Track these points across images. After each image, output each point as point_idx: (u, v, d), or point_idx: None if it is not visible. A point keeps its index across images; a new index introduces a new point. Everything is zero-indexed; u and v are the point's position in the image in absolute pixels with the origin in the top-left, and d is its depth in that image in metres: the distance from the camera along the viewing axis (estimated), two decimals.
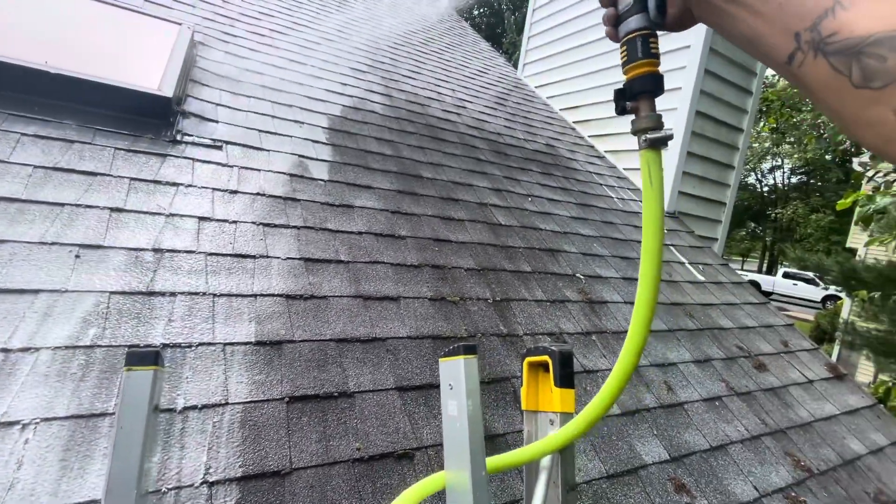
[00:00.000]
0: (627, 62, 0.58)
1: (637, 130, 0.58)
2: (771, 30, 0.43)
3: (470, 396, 0.70)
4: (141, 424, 0.49)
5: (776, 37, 0.42)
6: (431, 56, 4.81)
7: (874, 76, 0.35)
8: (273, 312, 1.41)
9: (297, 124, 2.44)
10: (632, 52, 0.57)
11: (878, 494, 1.93)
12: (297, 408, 1.21)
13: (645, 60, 0.56)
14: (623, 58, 0.58)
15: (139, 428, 0.49)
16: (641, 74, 0.57)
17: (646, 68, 0.57)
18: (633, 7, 0.56)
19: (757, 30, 0.44)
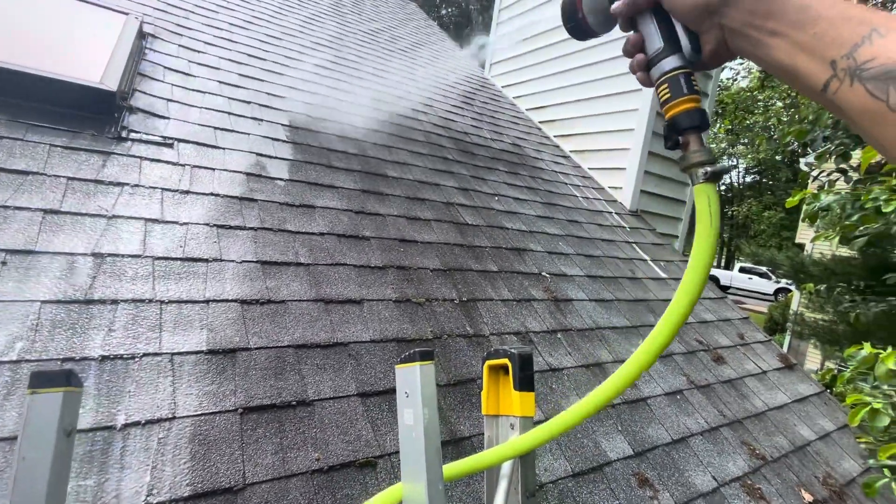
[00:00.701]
0: (670, 99, 0.57)
1: (691, 165, 0.57)
2: (807, 58, 0.43)
3: (426, 405, 0.67)
4: (47, 454, 0.44)
5: (813, 65, 0.43)
6: (399, 55, 4.75)
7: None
8: (227, 319, 1.34)
9: (255, 122, 2.35)
10: (675, 89, 0.57)
11: (827, 478, 2.03)
12: (251, 419, 1.15)
13: (690, 97, 0.56)
14: (665, 96, 0.58)
15: (45, 458, 0.44)
16: (687, 110, 0.57)
17: (691, 104, 0.57)
18: (665, 49, 0.57)
19: (794, 59, 0.44)
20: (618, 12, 0.60)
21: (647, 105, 3.54)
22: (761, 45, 0.48)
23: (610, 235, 3.16)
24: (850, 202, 3.04)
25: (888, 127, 0.37)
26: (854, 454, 2.30)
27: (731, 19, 0.50)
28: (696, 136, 0.57)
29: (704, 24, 0.53)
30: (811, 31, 0.43)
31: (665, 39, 0.57)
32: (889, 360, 2.10)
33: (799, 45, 0.44)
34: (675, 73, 0.57)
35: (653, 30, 0.58)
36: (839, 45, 0.40)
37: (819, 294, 6.19)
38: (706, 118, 0.57)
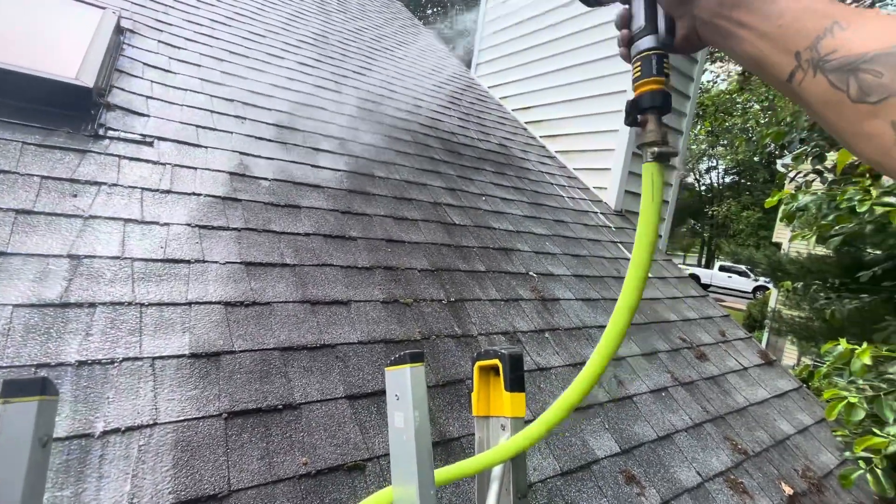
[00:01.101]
0: (640, 77, 0.60)
1: (643, 143, 0.59)
2: (773, 49, 0.45)
3: (417, 407, 0.66)
4: (21, 466, 0.42)
5: (778, 56, 0.44)
6: (383, 53, 4.72)
7: (871, 91, 0.36)
8: (210, 322, 1.31)
9: (238, 120, 2.31)
10: (646, 68, 0.59)
11: (805, 471, 2.09)
12: (236, 424, 1.12)
13: (656, 77, 0.58)
14: (636, 73, 0.60)
15: (19, 470, 0.41)
16: (651, 90, 0.59)
17: (656, 85, 0.59)
18: (645, 28, 0.59)
19: (760, 50, 0.46)
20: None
21: None
22: (730, 35, 0.49)
23: (596, 235, 3.20)
24: (826, 202, 3.13)
25: (848, 117, 0.39)
26: (831, 447, 2.37)
27: (702, 9, 0.52)
28: (654, 116, 0.59)
29: (678, 11, 0.56)
30: (777, 23, 0.44)
31: (647, 19, 0.60)
32: (864, 356, 2.17)
33: (765, 37, 0.45)
34: (650, 52, 0.59)
35: (640, 8, 0.61)
36: (803, 36, 0.42)
37: (795, 292, 6.36)
38: (668, 101, 0.58)
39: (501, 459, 0.70)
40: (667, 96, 0.58)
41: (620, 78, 3.68)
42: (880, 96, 0.36)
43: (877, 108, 0.36)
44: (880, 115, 0.36)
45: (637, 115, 0.60)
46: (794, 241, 5.47)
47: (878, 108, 0.36)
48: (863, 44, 0.38)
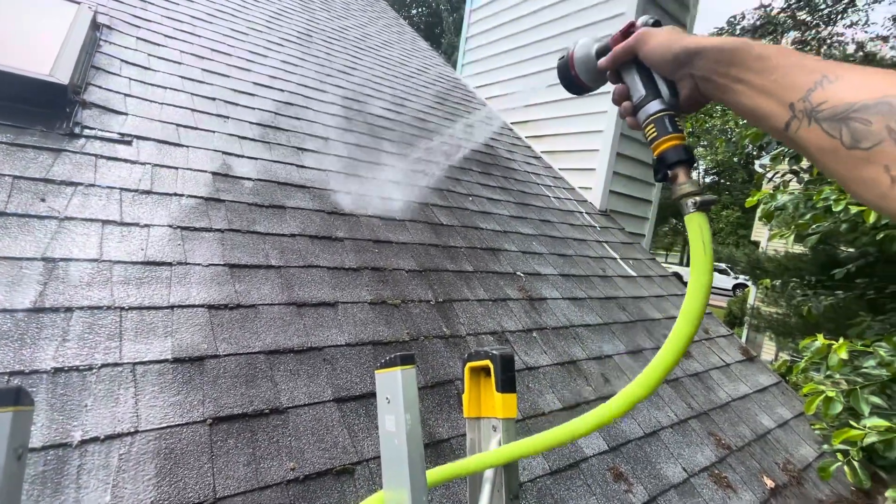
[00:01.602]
0: (657, 138, 0.62)
1: (683, 195, 0.60)
2: (769, 101, 0.48)
3: (408, 410, 0.65)
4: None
5: (774, 107, 0.47)
6: (368, 52, 4.69)
7: (862, 138, 0.39)
8: (193, 325, 1.28)
9: (221, 119, 2.26)
10: (661, 128, 0.62)
11: (786, 464, 2.14)
12: (221, 429, 1.10)
13: (675, 134, 0.61)
14: (651, 135, 0.63)
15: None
16: (674, 146, 0.61)
17: (677, 141, 0.61)
18: (648, 96, 0.63)
19: (758, 102, 0.49)
20: (603, 67, 0.68)
21: (616, 108, 3.63)
22: (728, 90, 0.53)
23: (581, 235, 3.23)
24: (803, 202, 3.22)
25: (844, 163, 0.41)
26: (810, 440, 2.43)
27: (699, 68, 0.56)
28: (683, 169, 0.61)
29: (677, 74, 0.59)
30: (770, 78, 0.48)
31: (646, 87, 0.64)
32: (841, 351, 2.23)
33: (761, 90, 0.49)
34: (660, 114, 0.62)
35: (636, 80, 0.65)
36: (796, 89, 0.45)
37: (774, 289, 6.53)
38: (691, 153, 0.61)
39: (495, 464, 0.70)
40: (689, 149, 0.61)
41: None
42: (872, 143, 0.38)
43: (869, 153, 0.38)
44: (873, 161, 0.38)
45: (666, 170, 0.62)
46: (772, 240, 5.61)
47: (870, 154, 0.38)
48: (850, 94, 0.40)
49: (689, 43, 0.56)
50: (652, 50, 0.61)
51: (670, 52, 0.58)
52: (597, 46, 0.71)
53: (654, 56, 0.61)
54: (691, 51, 0.56)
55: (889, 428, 1.87)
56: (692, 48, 0.56)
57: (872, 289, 4.19)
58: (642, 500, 1.55)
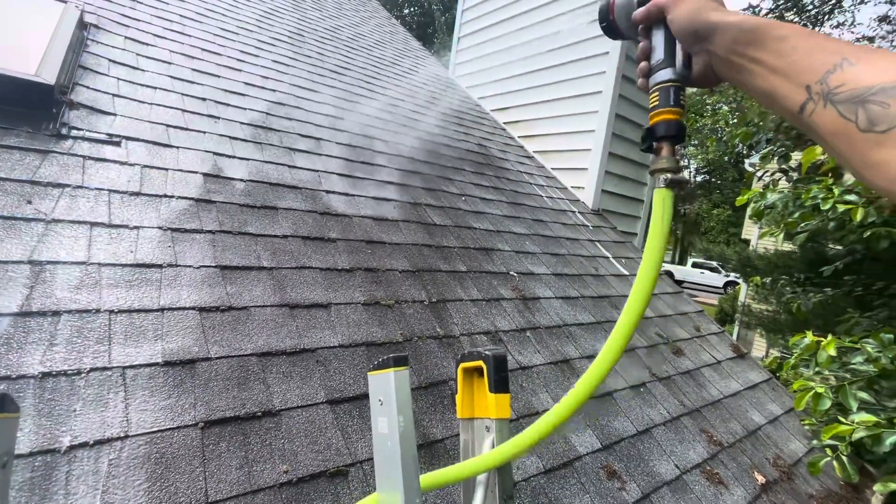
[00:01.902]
0: (657, 107, 0.62)
1: (657, 170, 0.61)
2: (785, 83, 0.46)
3: (401, 412, 0.65)
4: None
5: (790, 89, 0.46)
6: (361, 52, 4.67)
7: (879, 120, 0.38)
8: (184, 328, 1.27)
9: (212, 119, 2.24)
10: (663, 99, 0.62)
11: (776, 459, 2.16)
12: (213, 433, 1.09)
13: (674, 108, 0.61)
14: (654, 103, 0.63)
15: None
16: (667, 120, 0.61)
17: (672, 115, 0.61)
18: (664, 62, 0.63)
19: (773, 84, 0.48)
20: (636, 19, 0.66)
21: (608, 107, 3.65)
22: (744, 70, 0.52)
23: (574, 234, 3.24)
24: (792, 200, 3.25)
25: (857, 146, 0.40)
26: (800, 436, 2.46)
27: (718, 46, 0.55)
28: (669, 144, 0.61)
29: (695, 47, 0.59)
30: (788, 59, 0.46)
31: (666, 53, 0.63)
32: (830, 347, 2.26)
33: (777, 71, 0.47)
34: (667, 84, 0.62)
35: (660, 42, 0.64)
36: (813, 71, 0.44)
37: (764, 286, 6.60)
38: (682, 130, 0.61)
39: (488, 467, 0.70)
40: (681, 127, 0.61)
41: (597, 79, 3.74)
42: (888, 126, 0.37)
43: (884, 136, 0.37)
44: (887, 144, 0.37)
45: (653, 141, 0.62)
46: (762, 238, 5.67)
47: (885, 137, 0.37)
48: (871, 77, 0.39)
49: (714, 17, 0.55)
50: (678, 16, 0.59)
51: (693, 24, 0.57)
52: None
53: (678, 23, 0.59)
54: (712, 25, 0.54)
55: (876, 423, 1.90)
56: (714, 23, 0.54)
57: (860, 286, 4.25)
58: (635, 497, 1.56)
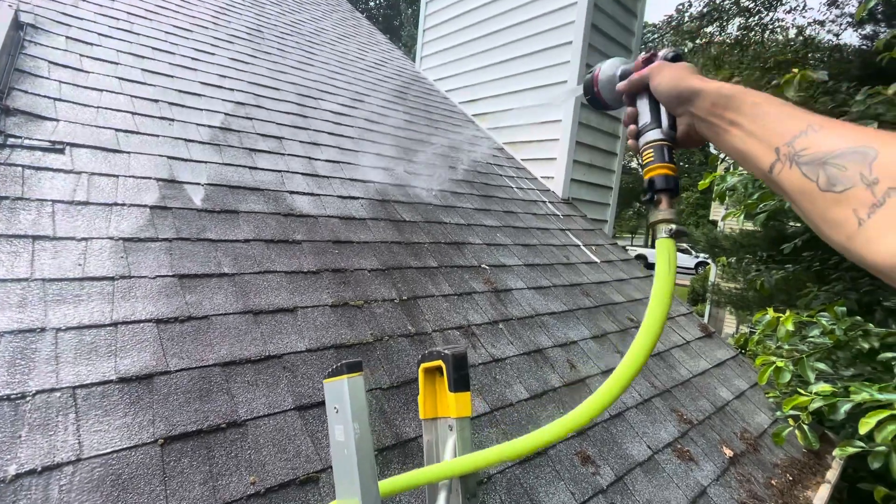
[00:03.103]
0: (652, 163, 0.68)
1: (659, 221, 0.66)
2: (757, 144, 0.52)
3: (356, 419, 0.64)
4: None
5: (761, 150, 0.51)
6: (323, 47, 4.57)
7: (837, 181, 0.42)
8: (140, 342, 1.22)
9: (166, 122, 2.15)
10: (658, 156, 0.67)
11: (743, 433, 2.25)
12: (174, 449, 1.05)
13: (667, 164, 0.67)
14: (648, 160, 0.68)
15: None
16: (665, 175, 0.67)
17: (668, 170, 0.67)
18: (651, 124, 0.69)
19: (747, 144, 0.54)
20: (619, 90, 0.74)
21: (573, 96, 3.69)
22: (721, 131, 0.58)
23: (545, 224, 3.27)
24: (751, 182, 3.36)
25: (817, 203, 0.44)
26: (764, 408, 2.57)
27: (698, 108, 0.61)
28: (667, 197, 0.67)
29: (679, 110, 0.65)
30: (761, 123, 0.52)
31: (652, 116, 0.69)
32: (788, 322, 2.36)
33: (752, 134, 0.53)
34: (659, 142, 0.68)
35: (645, 108, 0.70)
36: (782, 135, 0.49)
37: (731, 265, 6.84)
38: (678, 185, 0.68)
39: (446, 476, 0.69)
40: (677, 181, 0.67)
41: (562, 69, 3.77)
42: (844, 186, 0.41)
43: (841, 196, 0.41)
44: (843, 203, 0.41)
45: (654, 194, 0.68)
46: (727, 219, 5.85)
47: (841, 197, 0.41)
48: (831, 143, 0.44)
49: (694, 83, 0.61)
50: (661, 83, 0.65)
51: (676, 89, 0.63)
52: (622, 69, 0.76)
53: (661, 89, 0.65)
54: (695, 90, 0.60)
55: (833, 392, 1.99)
56: (695, 88, 0.60)
57: (817, 261, 4.45)
58: (609, 480, 1.59)
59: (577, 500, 1.46)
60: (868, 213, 0.38)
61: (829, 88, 4.13)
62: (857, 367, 2.57)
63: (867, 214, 0.38)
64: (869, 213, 0.38)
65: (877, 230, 0.38)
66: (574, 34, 3.66)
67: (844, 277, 4.09)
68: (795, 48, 9.10)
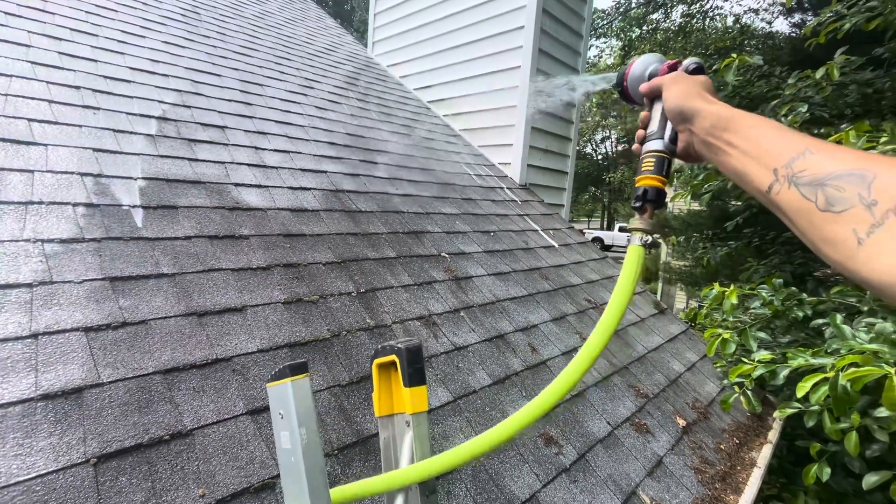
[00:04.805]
0: (651, 171, 0.70)
1: (638, 229, 0.70)
2: (755, 165, 0.53)
3: (303, 424, 0.60)
4: None
5: (759, 171, 0.53)
6: (268, 31, 4.34)
7: (835, 202, 0.43)
8: (65, 353, 1.11)
9: (89, 111, 1.96)
10: (658, 166, 0.70)
11: (695, 402, 2.37)
12: (110, 467, 0.97)
13: (663, 178, 0.69)
14: (648, 167, 0.70)
15: None
16: (656, 186, 0.69)
17: (659, 183, 0.69)
18: (656, 133, 0.71)
19: (745, 165, 0.55)
20: (642, 90, 0.75)
21: (527, 82, 3.69)
22: (720, 151, 0.59)
23: (503, 210, 3.28)
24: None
25: (816, 223, 0.45)
26: (713, 378, 2.72)
27: (698, 127, 0.63)
28: (652, 208, 0.71)
29: (681, 126, 0.67)
30: (758, 145, 0.54)
31: (659, 126, 0.71)
32: (732, 296, 2.49)
33: (749, 155, 0.55)
34: (658, 153, 0.70)
35: (657, 115, 0.72)
36: (780, 157, 0.51)
37: (680, 244, 7.18)
38: (665, 198, 0.71)
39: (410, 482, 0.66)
40: (665, 195, 0.71)
41: (515, 54, 3.76)
42: (843, 207, 0.42)
43: (839, 216, 0.42)
44: (842, 222, 0.42)
45: (644, 202, 0.70)
46: (675, 200, 6.11)
47: (840, 216, 0.42)
48: (829, 166, 0.45)
49: (697, 103, 0.63)
50: (670, 97, 0.67)
51: (680, 106, 0.65)
52: (651, 68, 0.77)
53: (669, 102, 0.67)
54: (696, 110, 0.63)
55: (772, 359, 2.13)
56: (697, 108, 0.63)
57: (757, 237, 4.74)
58: (572, 459, 1.63)
59: (542, 481, 1.48)
60: (868, 232, 0.39)
61: (764, 73, 4.37)
62: (793, 334, 2.77)
63: (867, 234, 0.39)
64: (868, 233, 0.39)
65: (877, 249, 0.38)
66: (526, 18, 3.65)
67: (780, 251, 4.38)
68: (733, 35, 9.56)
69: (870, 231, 0.39)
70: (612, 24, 15.02)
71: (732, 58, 3.38)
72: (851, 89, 3.63)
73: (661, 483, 1.75)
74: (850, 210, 0.41)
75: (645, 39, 12.24)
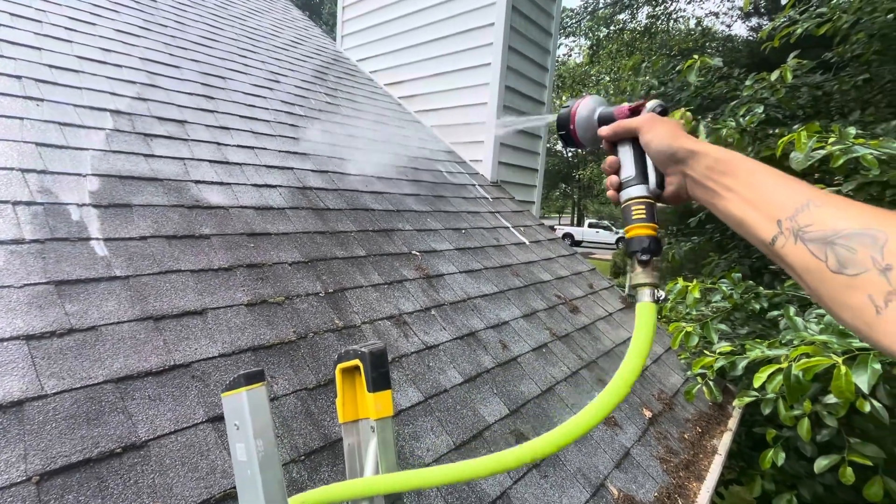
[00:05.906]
0: (643, 220, 0.65)
1: (646, 284, 0.64)
2: (756, 214, 0.50)
3: (259, 436, 0.57)
4: None
5: (760, 221, 0.50)
6: (231, 21, 4.18)
7: (848, 264, 0.40)
8: (3, 364, 1.03)
9: (32, 102, 1.84)
10: (649, 214, 0.65)
11: (660, 394, 2.44)
12: (55, 485, 0.90)
13: (654, 224, 0.65)
14: (639, 215, 0.65)
15: None
16: (652, 237, 0.64)
17: (653, 232, 0.65)
18: (636, 178, 0.66)
19: (745, 213, 0.52)
20: (603, 135, 0.69)
21: (497, 78, 3.70)
22: (717, 195, 0.56)
23: (475, 207, 3.28)
24: None
25: (829, 285, 0.43)
26: (677, 370, 2.81)
27: (693, 170, 0.59)
28: (651, 258, 0.65)
29: (670, 168, 0.62)
30: (758, 192, 0.51)
31: (637, 171, 0.66)
32: (695, 290, 2.58)
33: (749, 202, 0.52)
34: (643, 199, 0.65)
35: (629, 159, 0.67)
36: (783, 207, 0.48)
37: None
38: (661, 246, 0.67)
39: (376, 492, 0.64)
40: (660, 242, 0.66)
41: (485, 50, 3.76)
42: (857, 271, 0.40)
43: (854, 280, 0.40)
44: (857, 288, 0.40)
45: (640, 253, 0.65)
46: None
47: (855, 281, 0.40)
48: (838, 222, 0.43)
49: (689, 144, 0.59)
50: (652, 140, 0.63)
51: (670, 148, 0.61)
52: (601, 111, 0.72)
53: (653, 145, 0.63)
54: (691, 151, 0.59)
55: (732, 351, 2.22)
56: (692, 149, 0.59)
57: (717, 232, 4.94)
58: None
59: (513, 477, 1.49)
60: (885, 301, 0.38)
61: (724, 74, 4.53)
62: (751, 325, 2.89)
63: (884, 303, 0.38)
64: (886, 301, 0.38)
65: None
66: (496, 16, 3.65)
67: (739, 246, 4.58)
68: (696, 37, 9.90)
69: (887, 300, 0.38)
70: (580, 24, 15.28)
71: (695, 59, 3.49)
72: (803, 91, 3.81)
73: (628, 474, 1.79)
74: (863, 275, 0.40)
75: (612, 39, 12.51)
